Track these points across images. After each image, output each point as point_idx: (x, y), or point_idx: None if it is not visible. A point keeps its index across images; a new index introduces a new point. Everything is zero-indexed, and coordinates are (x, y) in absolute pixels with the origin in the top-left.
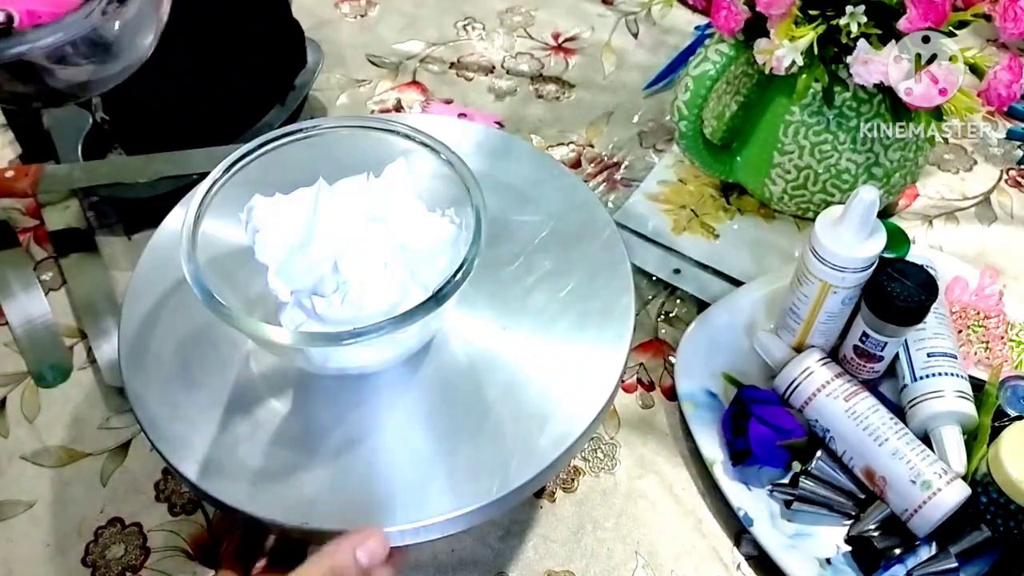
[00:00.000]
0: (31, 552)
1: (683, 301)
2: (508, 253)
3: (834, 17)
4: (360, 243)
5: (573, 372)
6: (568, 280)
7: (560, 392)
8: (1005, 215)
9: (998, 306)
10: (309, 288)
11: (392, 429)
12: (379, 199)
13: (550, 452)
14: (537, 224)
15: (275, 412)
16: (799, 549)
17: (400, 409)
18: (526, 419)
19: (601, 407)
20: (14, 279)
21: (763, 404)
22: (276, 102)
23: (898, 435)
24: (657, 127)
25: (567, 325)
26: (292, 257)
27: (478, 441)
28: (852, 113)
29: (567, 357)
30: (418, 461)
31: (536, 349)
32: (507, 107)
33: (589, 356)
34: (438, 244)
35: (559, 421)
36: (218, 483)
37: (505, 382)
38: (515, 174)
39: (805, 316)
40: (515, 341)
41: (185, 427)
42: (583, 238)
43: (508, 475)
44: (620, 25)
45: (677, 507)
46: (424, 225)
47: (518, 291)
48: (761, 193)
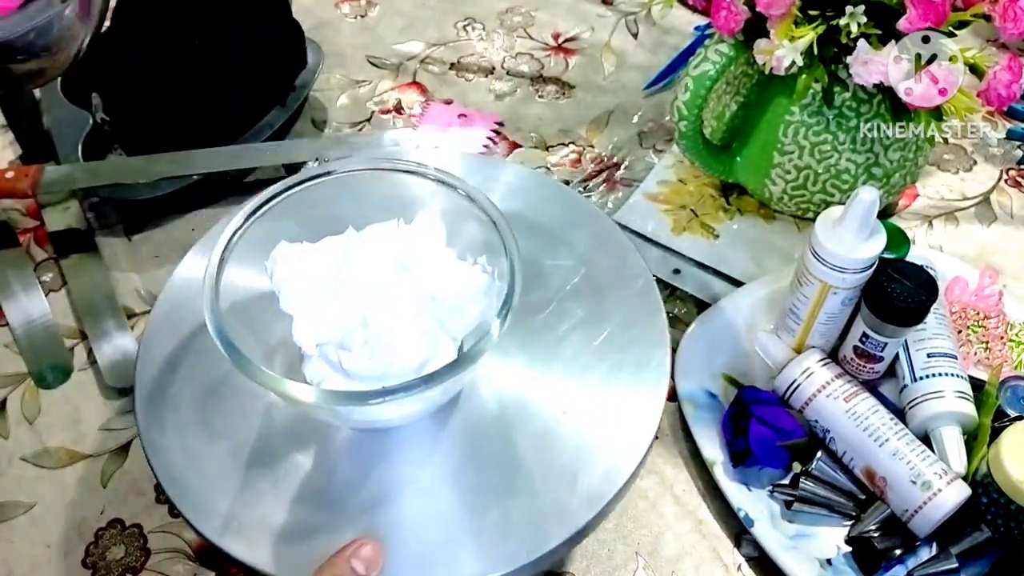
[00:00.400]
0: (31, 553)
1: (683, 301)
2: (540, 299)
3: (834, 17)
4: (389, 294)
5: (607, 426)
6: (602, 329)
7: (593, 447)
8: (1005, 215)
9: (998, 306)
10: (336, 341)
11: (419, 486)
12: (409, 247)
13: (583, 514)
14: (569, 269)
15: (298, 466)
16: (799, 550)
17: (427, 464)
18: (557, 476)
19: (636, 464)
20: (14, 280)
21: (763, 405)
22: (276, 103)
23: (898, 436)
24: (657, 127)
25: (601, 376)
26: (319, 308)
27: (508, 500)
28: (852, 113)
29: (600, 410)
30: (445, 521)
31: (569, 401)
32: (507, 107)
33: (623, 410)
34: (470, 294)
35: (593, 479)
36: (239, 542)
37: (536, 434)
38: (546, 215)
39: (805, 317)
40: (547, 391)
41: (205, 482)
42: (617, 285)
43: (539, 538)
44: (620, 25)
45: (677, 508)
46: (455, 275)
47: (550, 339)
48: (761, 193)
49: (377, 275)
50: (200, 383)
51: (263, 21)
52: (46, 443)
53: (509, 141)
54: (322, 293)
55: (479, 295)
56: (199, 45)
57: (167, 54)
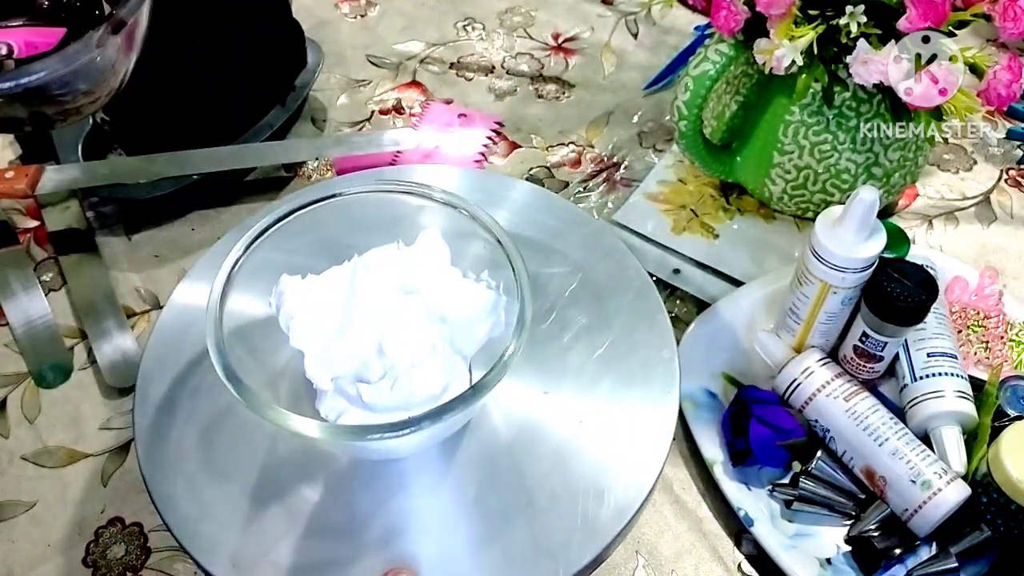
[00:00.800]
0: (32, 552)
1: (683, 301)
2: (539, 309)
3: (834, 17)
4: (400, 320)
5: (624, 434)
6: (606, 335)
7: (613, 457)
8: (1005, 215)
9: (998, 306)
10: (352, 374)
11: (437, 514)
12: (413, 270)
13: (613, 525)
14: (565, 276)
15: (307, 501)
16: (799, 549)
17: (444, 492)
18: (582, 492)
19: (660, 467)
20: (14, 279)
21: (763, 404)
22: (276, 102)
23: (898, 435)
24: (657, 127)
25: (611, 384)
26: (330, 341)
27: (534, 521)
28: (852, 113)
29: (615, 419)
30: (470, 548)
31: (582, 413)
32: (507, 107)
33: (638, 415)
34: (478, 313)
35: (618, 488)
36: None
37: (553, 451)
38: (537, 225)
39: (805, 316)
40: (559, 406)
41: (214, 526)
42: (615, 289)
43: (571, 556)
44: (620, 25)
45: (677, 507)
46: (463, 294)
47: (555, 350)
48: (761, 193)
49: (385, 301)
50: (202, 420)
51: (263, 21)
52: (46, 442)
53: (509, 141)
54: (332, 325)
55: (487, 313)
56: (199, 45)
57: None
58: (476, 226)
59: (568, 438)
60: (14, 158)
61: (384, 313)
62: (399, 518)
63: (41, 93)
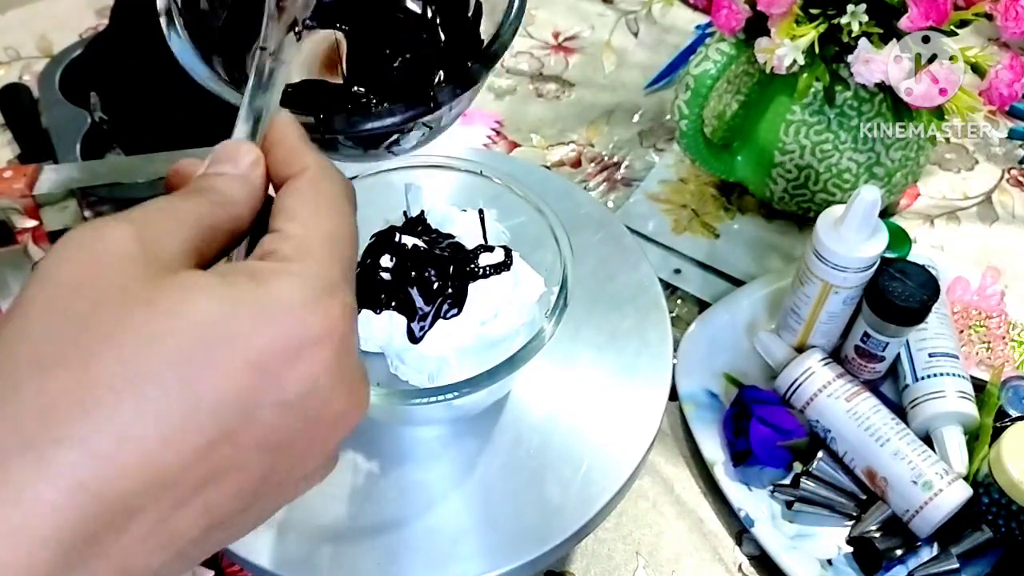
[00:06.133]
0: None
1: (683, 301)
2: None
3: (835, 16)
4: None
5: (608, 423)
6: (601, 326)
7: (595, 445)
8: (1007, 215)
9: (1000, 306)
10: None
11: (428, 487)
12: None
13: (583, 512)
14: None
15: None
16: (800, 550)
17: (435, 466)
18: (558, 475)
19: (639, 461)
20: (13, 279)
21: (764, 404)
22: None
23: (899, 436)
24: (657, 126)
25: (602, 373)
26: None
27: (514, 499)
28: (853, 112)
29: (601, 408)
30: (452, 520)
31: (569, 398)
32: (507, 106)
33: (625, 407)
34: (526, 301)
35: (594, 475)
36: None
37: (537, 433)
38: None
39: (806, 316)
40: (547, 390)
41: None
42: (615, 279)
43: (542, 536)
44: (620, 24)
45: (678, 507)
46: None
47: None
48: (762, 193)
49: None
50: None
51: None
52: None
53: (509, 140)
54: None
55: (534, 303)
56: None
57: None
58: (525, 204)
59: (554, 423)
60: (12, 157)
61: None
62: (394, 488)
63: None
